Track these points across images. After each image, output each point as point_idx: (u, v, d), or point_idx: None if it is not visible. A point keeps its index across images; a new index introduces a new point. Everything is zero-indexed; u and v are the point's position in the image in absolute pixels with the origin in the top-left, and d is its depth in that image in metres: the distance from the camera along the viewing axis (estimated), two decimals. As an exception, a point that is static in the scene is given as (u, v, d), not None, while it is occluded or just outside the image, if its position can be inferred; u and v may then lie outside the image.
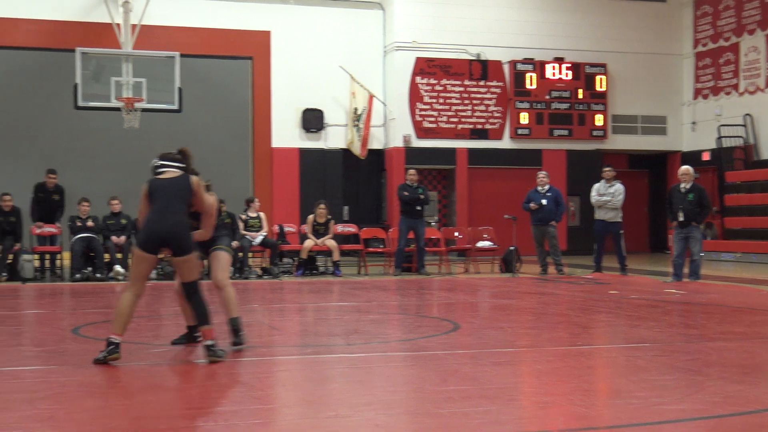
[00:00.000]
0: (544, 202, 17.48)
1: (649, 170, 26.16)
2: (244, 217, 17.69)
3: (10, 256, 16.26)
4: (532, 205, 17.55)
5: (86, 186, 19.90)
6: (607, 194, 16.88)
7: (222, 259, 8.38)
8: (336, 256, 17.56)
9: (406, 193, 17.80)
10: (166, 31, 21.18)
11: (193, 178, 8.04)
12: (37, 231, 17.08)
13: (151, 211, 7.57)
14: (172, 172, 8.00)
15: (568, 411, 5.58)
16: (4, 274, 15.98)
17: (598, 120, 24.21)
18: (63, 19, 20.99)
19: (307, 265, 17.73)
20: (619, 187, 16.89)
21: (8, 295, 13.61)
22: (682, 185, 15.27)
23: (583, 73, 24.03)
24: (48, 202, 17.26)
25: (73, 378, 6.69)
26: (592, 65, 24.14)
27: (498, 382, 6.53)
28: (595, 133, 24.19)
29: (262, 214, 18.01)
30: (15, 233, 16.43)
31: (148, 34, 20.17)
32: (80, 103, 18.27)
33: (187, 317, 8.23)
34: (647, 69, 24.80)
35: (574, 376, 6.78)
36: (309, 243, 17.60)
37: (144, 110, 18.64)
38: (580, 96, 24.03)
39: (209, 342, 7.31)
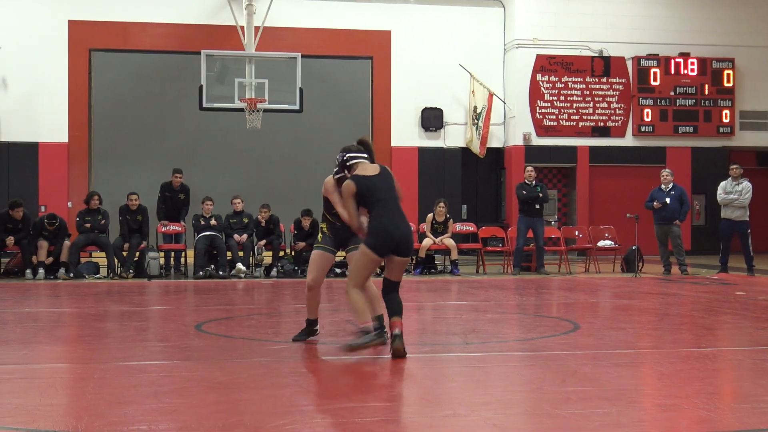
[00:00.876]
0: (667, 200, 17.15)
1: (778, 168, 25.34)
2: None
3: (137, 254, 16.75)
4: (655, 203, 17.23)
5: (210, 185, 20.36)
6: (734, 192, 16.44)
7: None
8: (454, 255, 17.54)
9: (524, 192, 17.67)
10: (287, 33, 21.51)
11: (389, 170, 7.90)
12: (163, 229, 17.57)
13: (380, 214, 7.57)
14: (367, 164, 7.82)
15: (691, 414, 5.44)
16: (131, 271, 16.46)
17: (725, 116, 23.55)
18: (189, 22, 21.53)
19: (426, 264, 17.76)
20: (746, 185, 16.42)
21: (135, 291, 14.02)
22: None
23: (709, 68, 23.41)
24: (174, 201, 17.77)
25: (196, 373, 6.84)
26: (719, 60, 23.49)
27: (618, 384, 6.41)
28: (721, 129, 23.53)
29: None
30: (141, 231, 16.93)
31: (271, 36, 20.52)
32: (205, 105, 18.67)
33: (310, 311, 8.28)
34: (777, 63, 24.02)
35: (697, 379, 6.61)
36: (427, 241, 17.62)
37: (266, 111, 18.94)
38: (706, 92, 23.41)
39: (398, 332, 7.46)
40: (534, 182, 17.90)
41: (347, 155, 7.90)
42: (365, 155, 7.91)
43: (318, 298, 8.30)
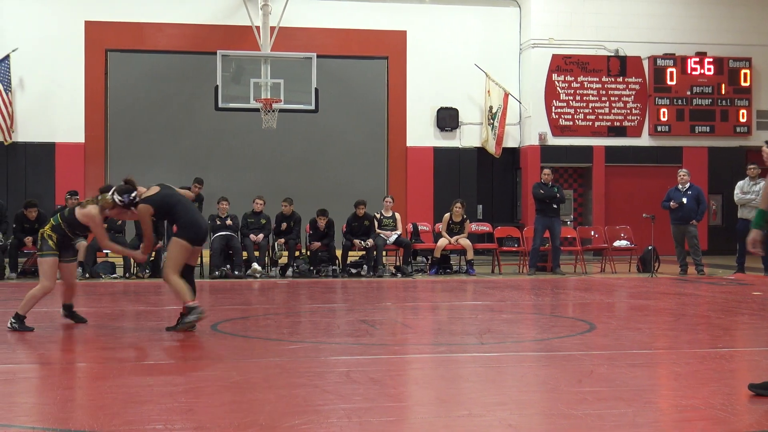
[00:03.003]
0: (684, 200, 17.10)
1: (796, 168, 25.19)
2: (378, 216, 17.85)
3: (153, 254, 16.79)
4: (672, 203, 17.18)
5: (225, 185, 20.42)
6: (752, 192, 16.36)
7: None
8: (470, 255, 17.53)
9: (542, 191, 17.64)
10: (303, 33, 21.54)
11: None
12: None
13: (186, 211, 9.09)
14: (143, 189, 9.34)
15: (708, 415, 5.41)
16: (147, 270, 16.51)
17: (742, 116, 23.44)
18: (204, 22, 21.60)
19: (441, 264, 17.75)
20: (764, 185, 16.33)
21: (151, 291, 14.06)
22: None
23: (726, 68, 23.30)
24: None
25: (212, 372, 6.86)
26: (736, 59, 23.38)
27: (634, 384, 6.39)
28: (738, 129, 23.42)
29: (397, 215, 18.12)
30: (158, 231, 16.94)
31: (286, 36, 20.55)
32: (220, 105, 18.70)
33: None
34: (795, 62, 23.89)
35: (714, 380, 6.58)
36: (443, 241, 17.61)
37: (281, 111, 18.97)
38: (723, 91, 23.31)
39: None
40: (551, 183, 17.88)
41: (133, 194, 9.09)
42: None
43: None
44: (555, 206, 17.68)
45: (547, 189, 17.72)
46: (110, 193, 9.17)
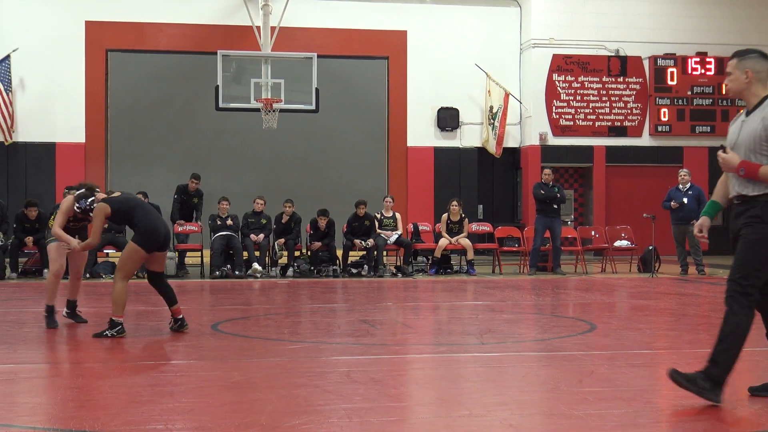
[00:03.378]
0: (685, 200, 17.11)
1: (796, 168, 25.16)
2: (378, 215, 17.86)
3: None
4: (672, 203, 17.19)
5: (226, 185, 20.44)
6: (752, 192, 16.34)
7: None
8: (470, 255, 17.53)
9: (542, 192, 17.64)
10: (304, 33, 21.53)
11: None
12: (180, 229, 17.63)
13: (145, 216, 8.88)
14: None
15: (708, 415, 5.41)
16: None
17: (743, 116, 23.40)
18: (205, 22, 21.59)
19: (441, 264, 17.76)
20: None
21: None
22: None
23: (726, 68, 23.25)
24: (187, 204, 17.90)
25: (212, 372, 6.86)
26: (737, 59, 23.32)
27: (635, 385, 6.39)
28: (739, 129, 23.38)
29: (397, 214, 18.13)
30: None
31: (287, 36, 20.55)
32: (221, 105, 18.69)
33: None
34: (795, 62, 23.82)
35: (715, 380, 6.57)
36: (443, 241, 17.62)
37: (282, 111, 18.96)
38: (724, 91, 23.29)
39: (180, 316, 8.92)
40: (551, 183, 17.89)
41: (90, 200, 9.19)
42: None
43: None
44: (555, 206, 17.68)
45: (548, 189, 17.72)
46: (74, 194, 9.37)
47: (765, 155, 5.65)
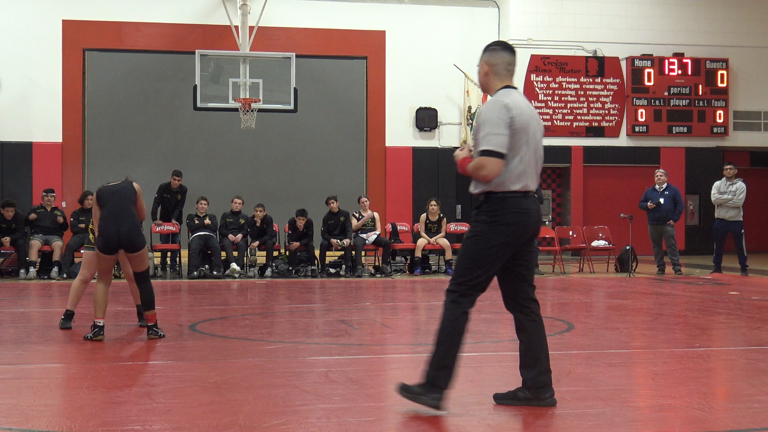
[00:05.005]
0: (661, 200, 17.19)
1: (772, 168, 25.38)
2: (356, 215, 17.87)
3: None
4: (649, 203, 17.27)
5: (204, 185, 20.35)
6: (728, 192, 16.47)
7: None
8: (449, 255, 17.56)
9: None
10: (282, 32, 21.50)
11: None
12: (157, 229, 17.56)
13: (104, 217, 8.74)
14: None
15: (685, 414, 5.45)
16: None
17: (719, 116, 23.58)
18: (183, 22, 21.50)
19: (420, 264, 17.77)
20: (740, 186, 16.46)
21: (129, 291, 13.96)
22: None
23: (703, 69, 23.43)
24: (170, 202, 17.80)
25: (190, 373, 6.85)
26: (713, 60, 23.52)
27: (612, 384, 6.43)
28: (715, 130, 23.56)
29: (375, 214, 18.14)
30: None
31: (265, 36, 20.51)
32: (199, 104, 18.64)
33: (73, 303, 9.40)
34: (772, 63, 24.04)
35: (691, 379, 6.62)
36: (422, 241, 17.64)
37: (260, 110, 18.93)
38: (700, 92, 23.44)
39: (152, 323, 8.63)
40: (529, 183, 17.92)
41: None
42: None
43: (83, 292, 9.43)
44: (533, 206, 17.70)
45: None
46: None
47: (478, 148, 5.55)
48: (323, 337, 8.72)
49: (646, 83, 23.14)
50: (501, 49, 5.86)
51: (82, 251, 16.69)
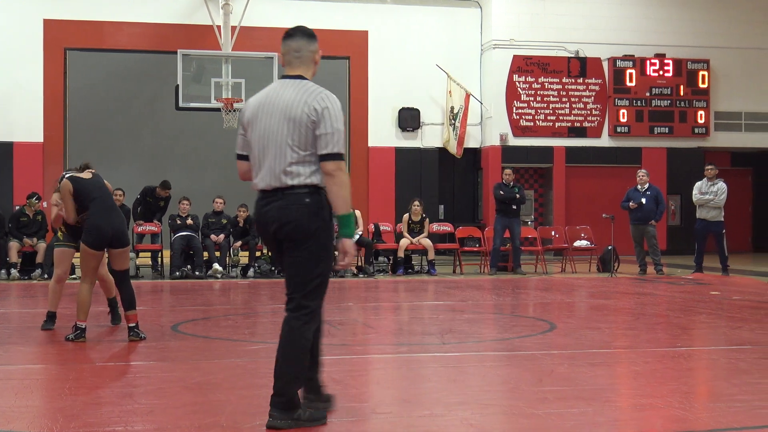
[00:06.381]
0: (643, 200, 17.25)
1: (753, 168, 25.50)
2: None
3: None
4: (631, 204, 17.32)
5: (186, 185, 20.30)
6: (710, 193, 16.54)
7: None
8: (431, 255, 17.57)
9: (501, 192, 17.73)
10: (264, 32, 21.43)
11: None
12: (139, 229, 17.50)
13: (93, 213, 8.55)
14: (82, 173, 8.98)
15: (667, 414, 5.47)
16: (108, 271, 16.37)
17: (700, 117, 23.68)
18: (165, 21, 21.42)
19: (403, 264, 17.77)
20: (721, 186, 16.54)
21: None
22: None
23: (684, 70, 23.53)
24: (153, 206, 17.73)
25: (172, 373, 6.83)
26: (695, 61, 23.62)
27: (594, 384, 6.45)
28: (696, 130, 23.66)
29: (357, 212, 18.12)
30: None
31: (248, 36, 20.46)
32: (181, 104, 18.59)
33: (54, 304, 9.27)
34: (752, 64, 24.12)
35: (672, 379, 6.65)
36: (405, 242, 17.64)
37: (242, 110, 18.89)
38: (682, 93, 23.53)
39: (133, 324, 8.46)
40: (512, 183, 17.97)
41: (62, 174, 9.06)
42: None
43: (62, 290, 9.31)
44: (514, 207, 17.76)
45: (508, 189, 17.80)
46: None
47: None
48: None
49: (628, 84, 23.22)
50: (285, 37, 5.57)
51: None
